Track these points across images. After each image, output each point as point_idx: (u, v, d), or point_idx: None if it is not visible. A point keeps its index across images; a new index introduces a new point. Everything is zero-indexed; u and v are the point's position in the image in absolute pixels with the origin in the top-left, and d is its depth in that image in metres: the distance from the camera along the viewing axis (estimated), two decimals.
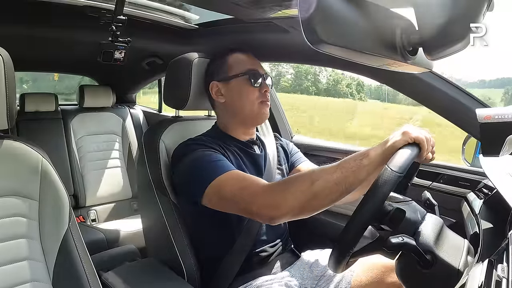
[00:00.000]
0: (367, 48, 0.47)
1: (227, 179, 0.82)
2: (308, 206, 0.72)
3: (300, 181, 0.73)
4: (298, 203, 0.72)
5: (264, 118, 1.02)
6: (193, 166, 0.88)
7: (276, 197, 0.74)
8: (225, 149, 0.95)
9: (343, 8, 0.44)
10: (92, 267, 0.78)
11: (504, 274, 0.48)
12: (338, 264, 0.62)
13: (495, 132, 0.76)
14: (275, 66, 9.46)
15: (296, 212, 0.74)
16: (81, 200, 1.97)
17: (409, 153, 0.65)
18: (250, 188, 0.79)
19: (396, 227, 0.63)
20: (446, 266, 0.61)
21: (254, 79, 0.98)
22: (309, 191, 0.71)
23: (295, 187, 0.73)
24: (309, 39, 0.43)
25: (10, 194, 0.72)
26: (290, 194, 0.73)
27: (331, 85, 10.19)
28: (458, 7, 0.44)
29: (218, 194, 0.83)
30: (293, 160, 1.14)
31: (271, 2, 0.92)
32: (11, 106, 0.71)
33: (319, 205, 0.73)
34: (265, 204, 0.75)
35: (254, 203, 0.76)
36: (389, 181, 0.59)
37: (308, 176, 0.73)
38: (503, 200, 0.65)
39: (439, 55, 0.48)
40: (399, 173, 0.60)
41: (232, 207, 0.83)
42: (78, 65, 2.18)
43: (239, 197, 0.79)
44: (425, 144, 0.68)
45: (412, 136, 0.68)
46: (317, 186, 0.70)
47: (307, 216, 0.75)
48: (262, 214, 0.77)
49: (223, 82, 1.00)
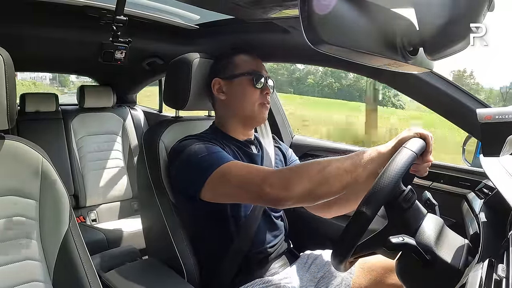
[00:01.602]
0: (368, 48, 0.47)
1: (232, 167, 0.83)
2: (316, 190, 0.74)
3: (312, 166, 0.76)
4: (308, 186, 0.74)
5: (262, 120, 1.03)
6: (192, 158, 0.88)
7: (287, 177, 0.76)
8: (223, 145, 0.95)
9: (343, 8, 0.44)
10: (92, 267, 0.78)
11: (504, 274, 0.48)
12: (342, 258, 0.61)
13: (496, 132, 0.77)
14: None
15: (305, 195, 0.75)
16: (82, 200, 1.97)
17: (419, 141, 0.70)
18: (258, 171, 0.81)
19: (408, 209, 0.64)
20: (446, 266, 0.61)
21: (256, 80, 0.99)
22: (320, 175, 0.74)
23: (306, 171, 0.76)
24: (310, 39, 0.43)
25: (10, 194, 0.73)
26: (301, 177, 0.75)
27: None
28: (459, 7, 0.44)
29: (222, 182, 0.83)
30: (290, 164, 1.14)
31: (272, 2, 0.92)
32: (12, 106, 0.71)
33: (327, 191, 0.75)
34: (276, 183, 0.76)
35: (265, 183, 0.77)
36: (406, 159, 0.63)
37: (320, 162, 0.76)
38: (503, 200, 0.65)
39: (440, 55, 0.48)
40: (415, 152, 0.65)
41: (238, 192, 0.83)
42: (79, 65, 2.18)
43: (249, 179, 0.80)
44: (430, 139, 0.73)
45: (418, 131, 0.73)
46: (328, 172, 0.73)
47: (312, 203, 0.78)
48: (272, 194, 0.76)
49: (226, 79, 1.01)
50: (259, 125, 1.09)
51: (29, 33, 1.34)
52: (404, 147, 0.67)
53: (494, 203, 0.82)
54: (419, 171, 0.77)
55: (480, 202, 0.88)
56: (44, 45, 1.59)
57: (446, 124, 1.02)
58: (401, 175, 0.61)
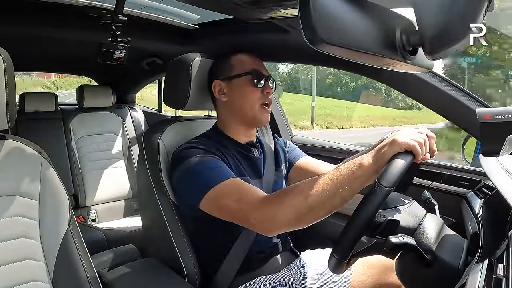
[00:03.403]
0: (367, 48, 0.47)
1: (225, 189, 0.82)
2: (304, 218, 0.72)
3: (295, 195, 0.72)
4: (294, 216, 0.72)
5: (264, 122, 1.02)
6: (191, 172, 0.88)
7: (272, 210, 0.74)
8: (224, 153, 0.95)
9: (342, 8, 0.44)
10: (92, 267, 0.78)
11: (504, 274, 0.48)
12: (337, 268, 0.62)
13: (495, 132, 0.76)
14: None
15: (293, 224, 0.74)
16: (81, 200, 1.97)
17: (401, 164, 0.61)
18: (247, 200, 0.79)
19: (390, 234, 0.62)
20: (446, 266, 0.61)
21: (257, 80, 0.98)
22: (303, 205, 0.70)
23: (289, 200, 0.72)
24: (308, 38, 0.43)
25: (10, 194, 0.73)
26: (286, 208, 0.72)
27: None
28: (458, 7, 0.44)
29: (216, 203, 0.84)
30: (291, 157, 1.14)
31: (271, 2, 0.92)
32: (11, 106, 0.71)
33: (315, 218, 0.71)
34: (262, 217, 0.76)
35: (251, 215, 0.77)
36: (379, 197, 0.58)
37: (301, 190, 0.71)
38: (503, 200, 0.65)
39: (439, 55, 0.48)
40: (389, 188, 0.58)
41: (230, 217, 0.83)
42: (78, 65, 2.18)
43: (237, 208, 0.80)
44: (417, 149, 0.63)
45: (401, 145, 0.63)
46: (311, 201, 0.69)
47: (304, 227, 0.74)
48: (260, 227, 0.77)
49: (226, 81, 1.01)
50: (261, 126, 1.07)
51: (28, 33, 1.34)
52: (377, 183, 0.59)
53: (493, 202, 0.82)
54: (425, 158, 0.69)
55: (480, 201, 0.88)
56: (43, 45, 1.59)
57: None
58: (373, 215, 0.59)
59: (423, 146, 0.65)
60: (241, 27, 1.19)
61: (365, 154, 0.68)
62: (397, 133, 0.67)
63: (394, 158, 0.62)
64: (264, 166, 1.04)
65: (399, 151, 0.63)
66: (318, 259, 1.04)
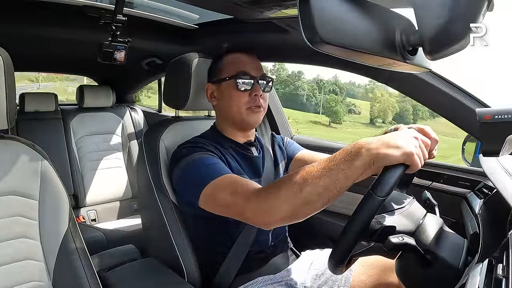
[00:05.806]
0: (367, 48, 0.47)
1: (221, 184, 0.81)
2: (300, 211, 0.68)
3: (290, 186, 0.67)
4: (290, 208, 0.68)
5: (254, 124, 0.99)
6: (189, 169, 0.88)
7: (268, 202, 0.71)
8: (222, 152, 0.95)
9: (342, 8, 0.44)
10: (92, 267, 0.78)
11: (504, 274, 0.48)
12: (336, 269, 0.62)
13: (495, 132, 0.76)
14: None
15: (290, 217, 0.70)
16: (81, 200, 1.97)
17: (396, 173, 0.58)
18: (242, 193, 0.77)
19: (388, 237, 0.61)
20: (446, 266, 0.61)
21: (241, 83, 0.95)
22: (299, 197, 0.66)
23: (285, 192, 0.68)
24: (309, 38, 0.43)
25: (10, 194, 0.73)
26: (282, 200, 0.68)
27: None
28: (458, 7, 0.43)
29: (212, 199, 0.83)
30: (289, 152, 1.14)
31: (271, 2, 0.92)
32: (11, 106, 0.71)
33: (312, 210, 0.67)
34: (257, 210, 0.73)
35: (246, 208, 0.75)
36: (372, 207, 0.57)
37: (296, 181, 0.67)
38: (503, 200, 0.65)
39: (439, 55, 0.47)
40: (382, 198, 0.57)
41: (227, 212, 0.82)
42: (78, 65, 2.18)
43: (232, 202, 0.78)
44: (412, 158, 0.58)
45: (404, 151, 0.58)
46: (306, 192, 0.65)
47: (302, 219, 0.71)
48: (256, 219, 0.75)
49: (216, 84, 1.01)
50: (251, 129, 1.04)
51: (28, 33, 1.34)
52: (371, 192, 0.57)
53: (493, 203, 0.82)
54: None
55: (480, 201, 0.88)
56: (43, 45, 1.59)
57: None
58: (367, 224, 0.58)
59: (421, 157, 0.61)
60: (241, 27, 1.19)
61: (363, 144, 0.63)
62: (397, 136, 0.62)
63: (388, 169, 0.59)
64: (264, 165, 1.04)
65: (394, 163, 0.59)
66: (318, 259, 1.04)
